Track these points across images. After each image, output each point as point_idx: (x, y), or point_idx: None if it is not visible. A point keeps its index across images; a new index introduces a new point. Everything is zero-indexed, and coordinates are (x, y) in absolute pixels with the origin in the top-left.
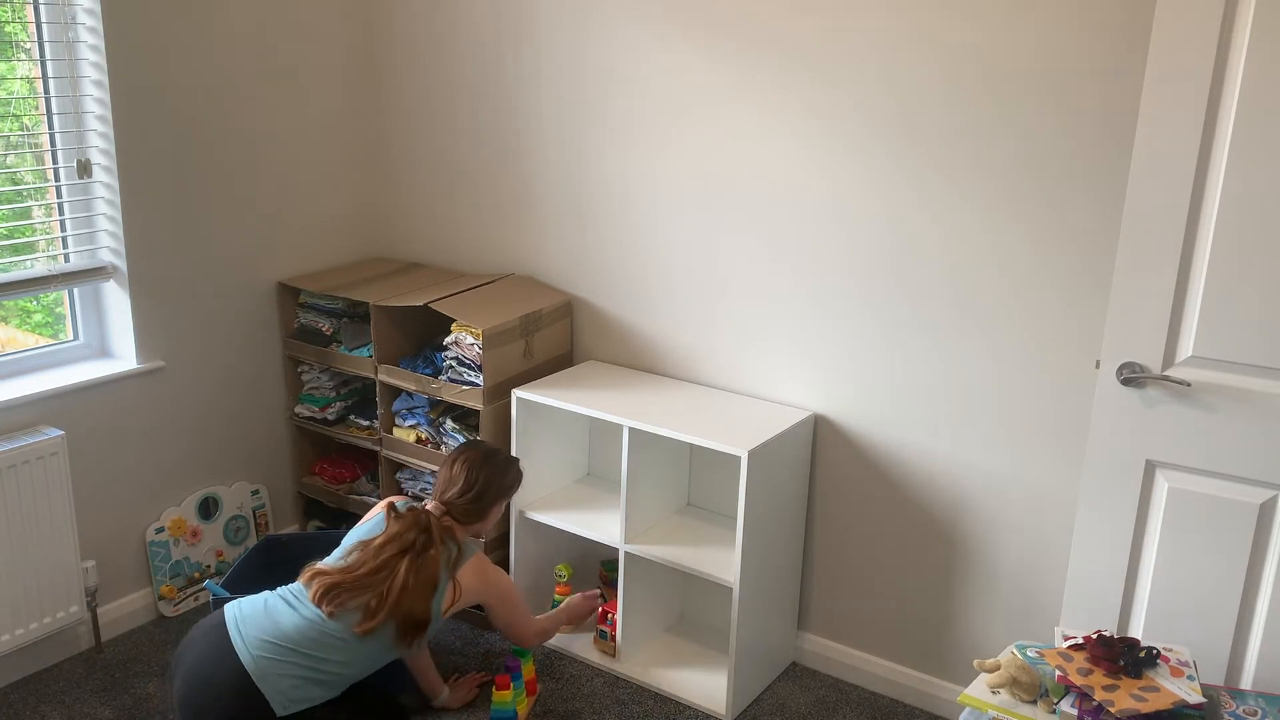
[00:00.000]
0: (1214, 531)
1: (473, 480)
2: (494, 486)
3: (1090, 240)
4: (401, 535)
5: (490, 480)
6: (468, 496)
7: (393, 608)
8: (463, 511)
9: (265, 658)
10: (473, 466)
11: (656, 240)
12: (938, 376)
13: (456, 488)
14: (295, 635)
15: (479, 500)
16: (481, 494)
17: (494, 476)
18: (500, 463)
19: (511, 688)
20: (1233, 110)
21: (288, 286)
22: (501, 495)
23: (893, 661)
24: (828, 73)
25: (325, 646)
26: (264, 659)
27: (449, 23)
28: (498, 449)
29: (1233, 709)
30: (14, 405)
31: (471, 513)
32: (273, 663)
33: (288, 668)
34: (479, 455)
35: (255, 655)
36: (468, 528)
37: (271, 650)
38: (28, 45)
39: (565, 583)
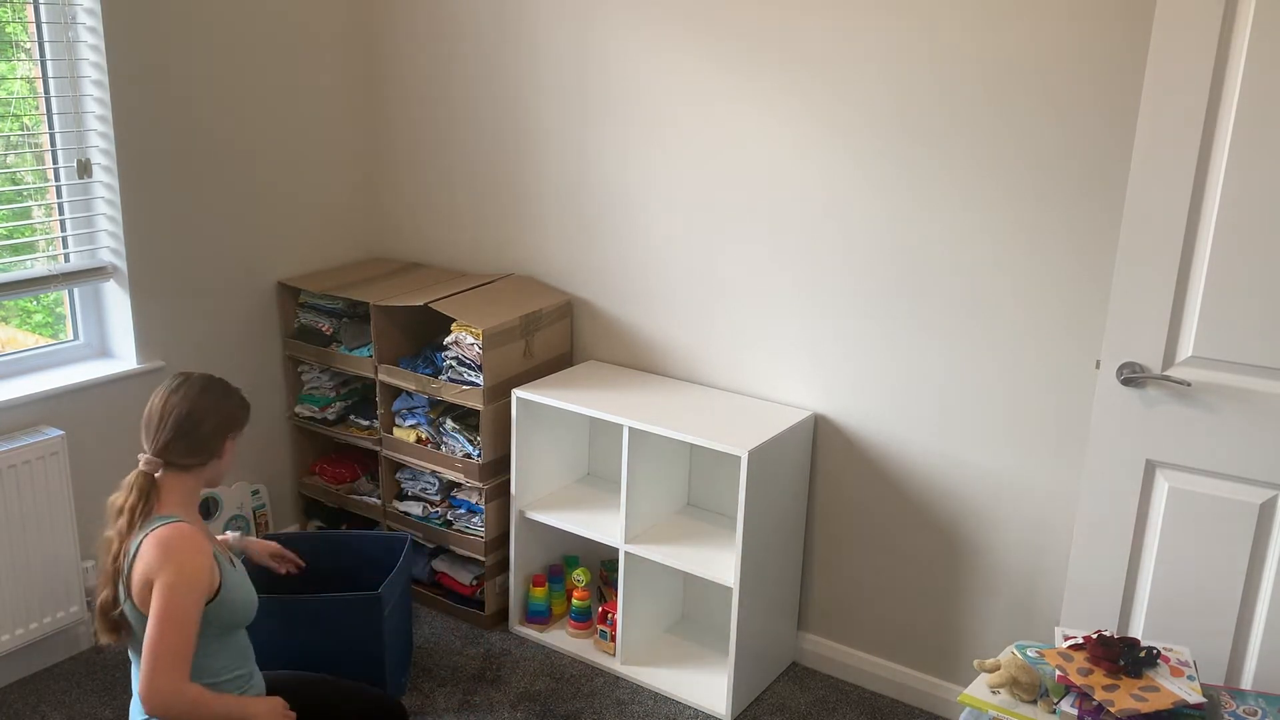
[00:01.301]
0: (1214, 531)
1: (183, 409)
2: (215, 412)
3: (1090, 240)
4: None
5: (207, 406)
6: (181, 430)
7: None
8: (182, 451)
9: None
10: (181, 400)
11: (656, 240)
12: (938, 376)
13: (168, 427)
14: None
15: (195, 432)
16: (197, 423)
17: (212, 402)
18: (217, 385)
19: (547, 587)
20: (1233, 110)
21: (288, 286)
22: (229, 424)
23: (893, 661)
24: (828, 73)
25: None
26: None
27: (449, 23)
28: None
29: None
30: (14, 405)
31: (193, 449)
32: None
33: None
34: (183, 383)
35: None
36: (196, 474)
37: None
38: (28, 45)
39: (584, 587)
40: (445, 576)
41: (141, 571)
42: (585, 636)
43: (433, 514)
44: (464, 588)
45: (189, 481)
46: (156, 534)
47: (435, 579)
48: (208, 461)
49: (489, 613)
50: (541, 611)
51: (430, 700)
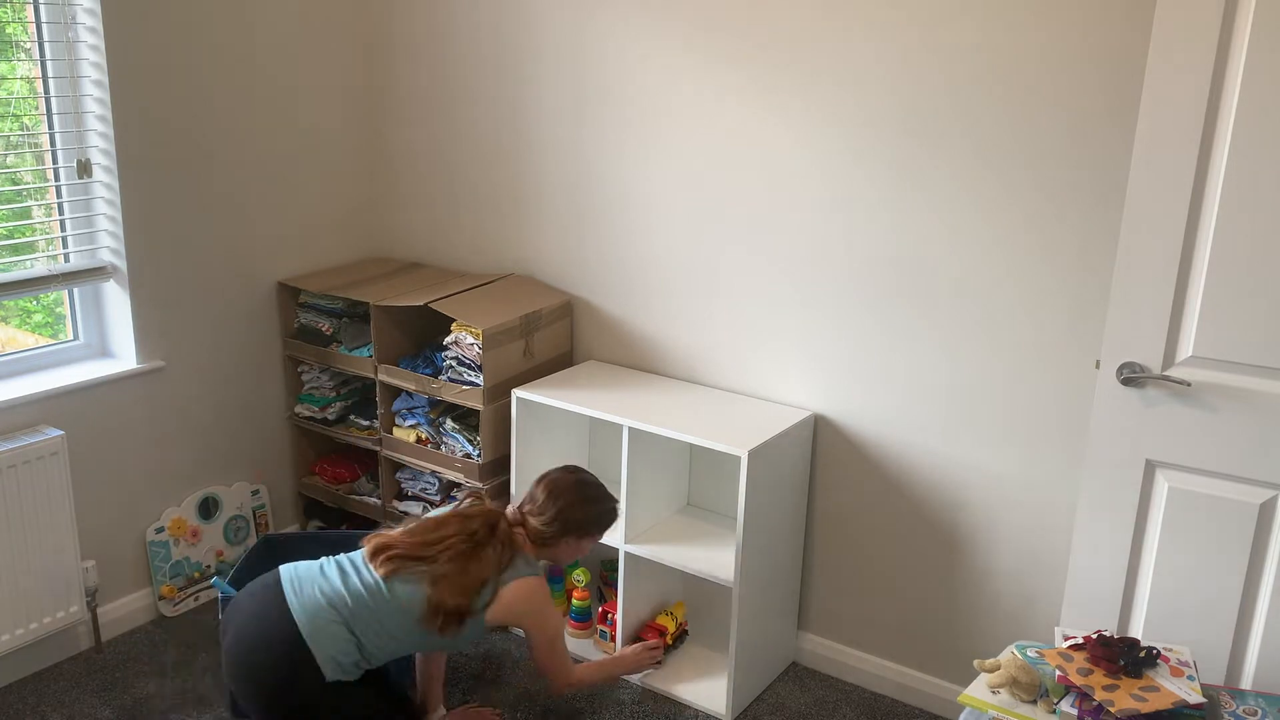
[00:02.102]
0: (1214, 531)
1: (551, 507)
2: (573, 520)
3: (1090, 240)
4: (466, 518)
5: (570, 512)
6: (542, 519)
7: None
8: (535, 534)
9: (319, 619)
10: (557, 493)
11: (656, 240)
12: (938, 376)
13: (536, 507)
14: (348, 598)
15: (552, 527)
16: (555, 521)
17: (576, 509)
18: (590, 496)
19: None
20: (1233, 110)
21: (288, 286)
22: (579, 531)
23: (893, 661)
24: (828, 72)
25: (374, 611)
26: (318, 620)
27: (449, 23)
28: (593, 480)
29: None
30: (14, 405)
31: (544, 538)
32: (326, 624)
33: (339, 629)
34: (570, 482)
35: (310, 616)
36: (538, 550)
37: (325, 613)
38: (28, 45)
39: (584, 587)
40: None
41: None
42: (585, 636)
43: None
44: None
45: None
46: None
47: None
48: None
49: None
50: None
51: None
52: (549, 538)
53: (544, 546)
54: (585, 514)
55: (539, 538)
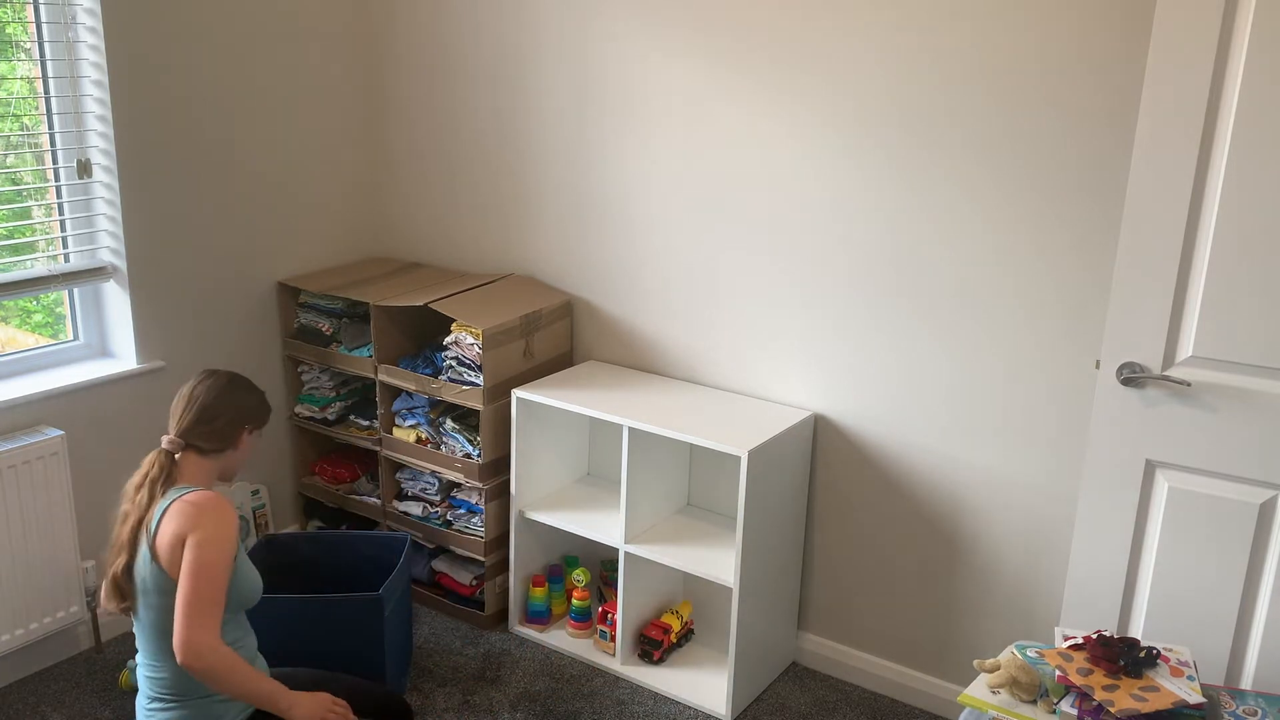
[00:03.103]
0: (1214, 531)
1: (208, 398)
2: (236, 404)
3: (1090, 240)
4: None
5: (228, 398)
6: (204, 416)
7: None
8: (203, 435)
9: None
10: (206, 390)
11: (656, 240)
12: (938, 376)
13: (192, 411)
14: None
15: (217, 419)
16: (219, 412)
17: (233, 395)
18: (241, 382)
19: (546, 587)
20: (1233, 110)
21: (288, 286)
22: (247, 417)
23: (893, 661)
24: (828, 73)
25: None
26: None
27: (450, 22)
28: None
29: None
30: (14, 405)
31: (213, 434)
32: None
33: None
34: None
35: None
36: (213, 459)
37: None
38: (28, 45)
39: (584, 587)
40: (445, 576)
41: (173, 531)
42: (585, 636)
43: (433, 514)
44: (464, 588)
45: (206, 465)
46: (187, 497)
47: (435, 579)
48: (224, 450)
49: (489, 613)
50: (541, 611)
51: (430, 700)
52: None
53: (217, 449)
54: (247, 398)
55: (210, 439)
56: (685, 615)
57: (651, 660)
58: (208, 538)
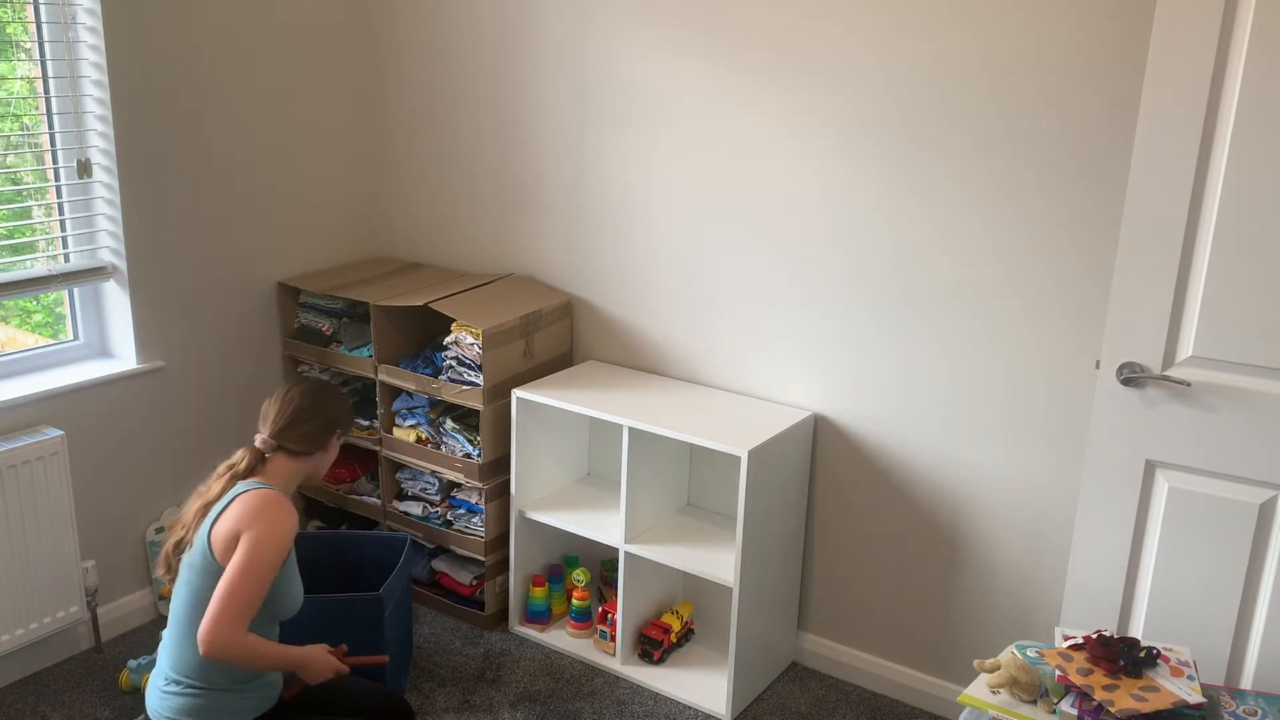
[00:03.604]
0: (1214, 531)
1: (302, 402)
2: (328, 409)
3: (1090, 240)
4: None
5: (321, 403)
6: (298, 419)
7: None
8: (295, 438)
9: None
10: (300, 395)
11: (657, 240)
12: (938, 376)
13: (286, 415)
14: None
15: (310, 422)
16: (312, 416)
17: (325, 401)
18: (331, 389)
19: (546, 587)
20: (1233, 110)
21: (288, 286)
22: (338, 421)
23: (893, 661)
24: (827, 73)
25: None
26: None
27: (450, 22)
28: (326, 381)
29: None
30: (14, 405)
31: (305, 437)
32: (163, 697)
33: (174, 690)
34: (305, 382)
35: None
36: (303, 460)
37: (161, 685)
38: (28, 45)
39: (584, 587)
40: (445, 576)
41: (232, 522)
42: (585, 636)
43: (433, 514)
44: (464, 588)
45: (294, 466)
46: (254, 492)
47: (435, 579)
48: (314, 452)
49: (489, 613)
50: (541, 611)
51: (430, 700)
52: (311, 438)
53: (308, 451)
54: (338, 404)
55: (301, 442)
56: (685, 615)
57: (651, 660)
58: (262, 538)
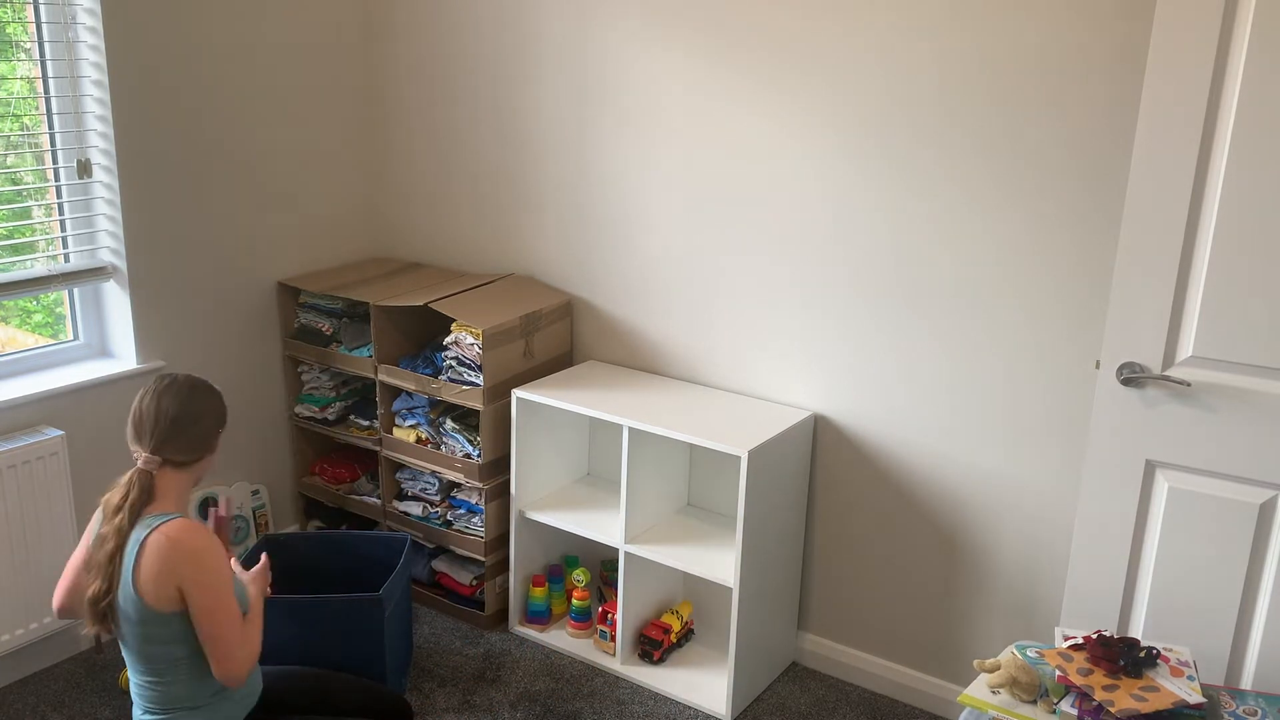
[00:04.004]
0: (1214, 531)
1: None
2: (206, 409)
3: (1090, 240)
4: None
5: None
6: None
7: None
8: (179, 448)
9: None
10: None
11: (656, 240)
12: (938, 376)
13: (164, 425)
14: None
15: (192, 428)
16: (192, 421)
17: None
18: (200, 386)
19: (546, 587)
20: (1233, 110)
21: (288, 286)
22: (219, 419)
23: (893, 661)
24: (827, 73)
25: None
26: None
27: (450, 23)
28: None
29: (1233, 709)
30: (14, 405)
31: (190, 445)
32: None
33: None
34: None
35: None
36: (192, 469)
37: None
38: (28, 45)
39: (584, 587)
40: (445, 576)
41: (156, 570)
42: (585, 636)
43: (433, 514)
44: (464, 588)
45: (183, 477)
46: (165, 533)
47: (435, 579)
48: (202, 457)
49: (489, 613)
50: (541, 611)
51: (430, 700)
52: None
53: (198, 456)
54: (215, 402)
55: (189, 450)
56: (685, 615)
57: (651, 660)
58: (207, 581)
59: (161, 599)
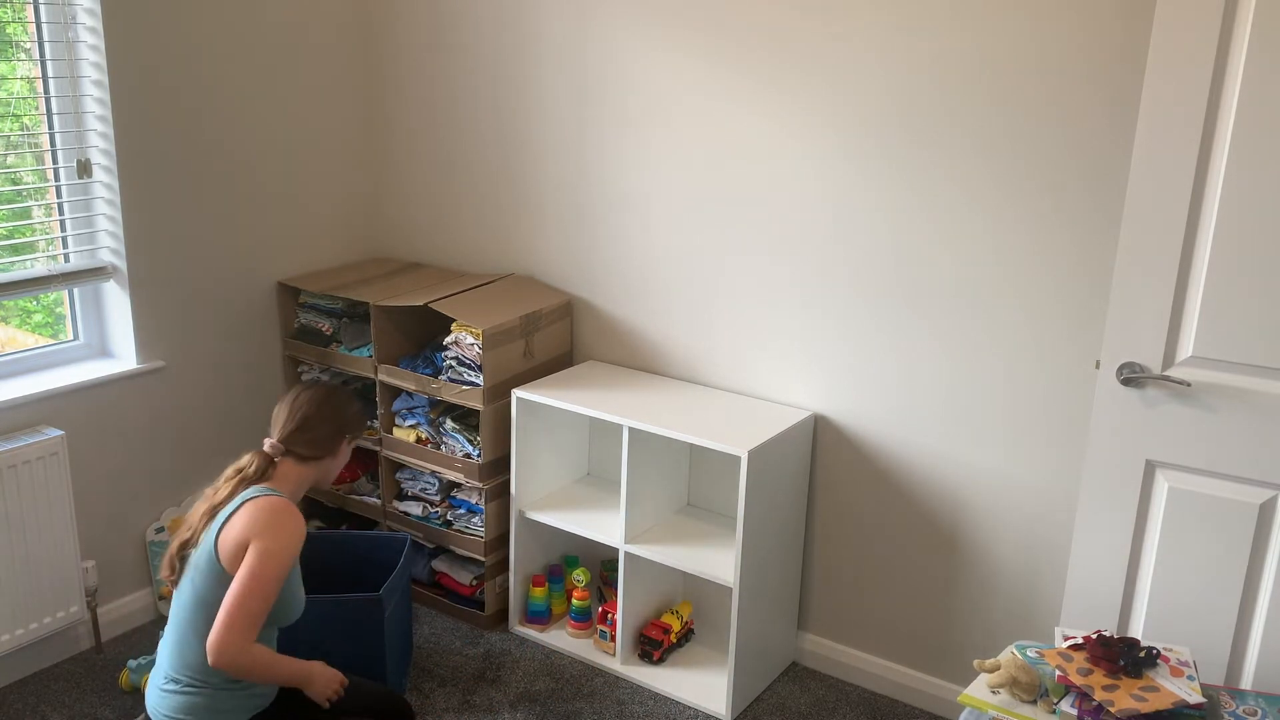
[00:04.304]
0: (1214, 531)
1: (310, 409)
2: (337, 415)
3: (1090, 240)
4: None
5: (330, 408)
6: (306, 425)
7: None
8: (303, 443)
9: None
10: (309, 400)
11: (657, 240)
12: (938, 376)
13: (294, 421)
14: (168, 649)
15: (318, 429)
16: (321, 422)
17: (335, 406)
18: (342, 394)
19: (546, 587)
20: (1233, 110)
21: (288, 286)
22: (347, 427)
23: (893, 661)
24: (828, 74)
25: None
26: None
27: (450, 23)
28: (335, 385)
29: (1233, 709)
30: (14, 405)
31: (313, 443)
32: (162, 696)
33: (173, 689)
34: (314, 387)
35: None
36: (312, 466)
37: (162, 684)
38: (28, 45)
39: (584, 587)
40: (445, 576)
41: (241, 530)
42: (585, 636)
43: (433, 514)
44: (464, 588)
45: (303, 471)
46: (265, 500)
47: (435, 579)
48: (323, 458)
49: (489, 613)
50: (541, 611)
51: (430, 700)
52: (320, 444)
53: (318, 456)
54: (348, 409)
55: (311, 447)
56: (685, 615)
57: (651, 660)
58: (270, 550)
59: (234, 558)
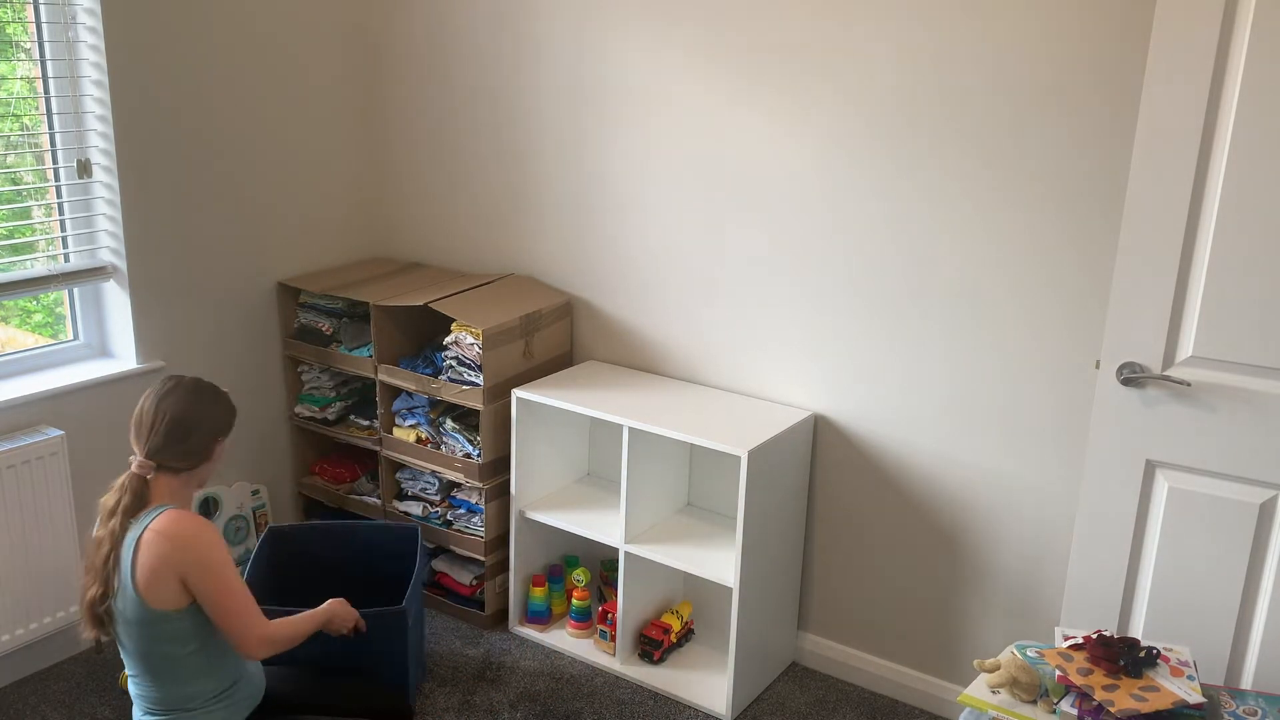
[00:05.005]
0: (1214, 531)
1: (176, 413)
2: (207, 417)
3: (1090, 240)
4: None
5: (197, 411)
6: (175, 434)
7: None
8: (176, 454)
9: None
10: (172, 405)
11: (656, 240)
12: (938, 376)
13: (161, 430)
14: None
15: (190, 436)
16: (191, 428)
17: (201, 407)
18: (205, 391)
19: (546, 587)
20: (1233, 110)
21: (288, 286)
22: (219, 427)
23: (893, 661)
24: (829, 74)
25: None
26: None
27: (449, 23)
28: (195, 378)
29: (1233, 709)
30: (14, 405)
31: (187, 452)
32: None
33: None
34: (174, 388)
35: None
36: (189, 475)
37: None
38: (28, 45)
39: (584, 587)
40: (445, 576)
41: (152, 565)
42: (585, 636)
43: (433, 514)
44: (464, 588)
45: (179, 483)
46: (157, 525)
47: (435, 579)
48: (199, 465)
49: (489, 613)
50: (541, 611)
51: (430, 700)
52: (192, 452)
53: (191, 465)
54: (214, 407)
55: (183, 459)
56: (685, 615)
57: (651, 660)
58: (205, 561)
59: (163, 597)
